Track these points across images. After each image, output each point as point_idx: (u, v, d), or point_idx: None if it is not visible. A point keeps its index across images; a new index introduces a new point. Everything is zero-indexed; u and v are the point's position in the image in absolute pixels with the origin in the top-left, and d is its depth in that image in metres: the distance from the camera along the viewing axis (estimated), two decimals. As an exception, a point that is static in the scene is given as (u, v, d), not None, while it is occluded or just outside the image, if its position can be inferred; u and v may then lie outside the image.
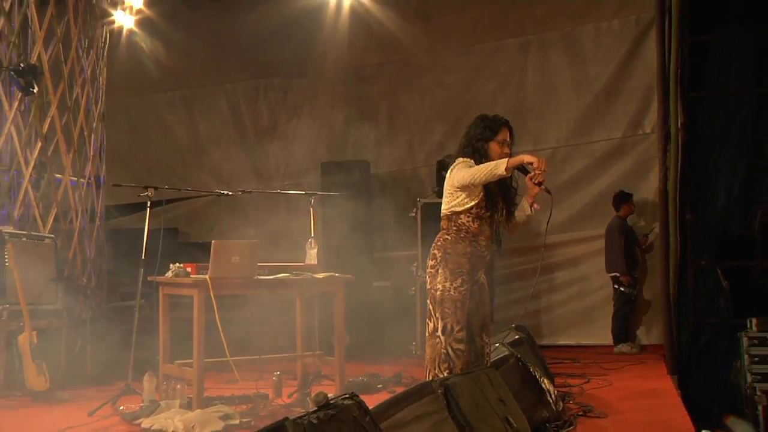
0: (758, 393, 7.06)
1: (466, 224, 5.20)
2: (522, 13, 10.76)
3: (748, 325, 7.31)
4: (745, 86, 8.27)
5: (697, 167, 8.22)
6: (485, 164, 5.08)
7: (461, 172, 5.14)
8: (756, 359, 7.16)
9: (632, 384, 7.31)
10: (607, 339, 9.92)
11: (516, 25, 10.79)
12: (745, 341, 7.25)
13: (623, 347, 9.65)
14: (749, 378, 7.15)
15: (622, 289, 9.82)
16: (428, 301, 5.27)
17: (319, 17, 10.38)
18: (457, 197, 5.20)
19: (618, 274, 9.84)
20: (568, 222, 10.45)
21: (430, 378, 4.96)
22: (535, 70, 10.86)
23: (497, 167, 4.97)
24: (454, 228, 5.22)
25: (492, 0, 10.80)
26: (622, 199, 9.94)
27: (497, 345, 5.72)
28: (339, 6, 10.28)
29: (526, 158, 5.04)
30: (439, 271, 5.18)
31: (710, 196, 8.33)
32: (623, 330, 9.83)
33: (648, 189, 10.11)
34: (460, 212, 5.20)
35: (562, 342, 10.30)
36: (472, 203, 5.18)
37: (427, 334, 5.26)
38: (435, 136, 11.06)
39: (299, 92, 11.40)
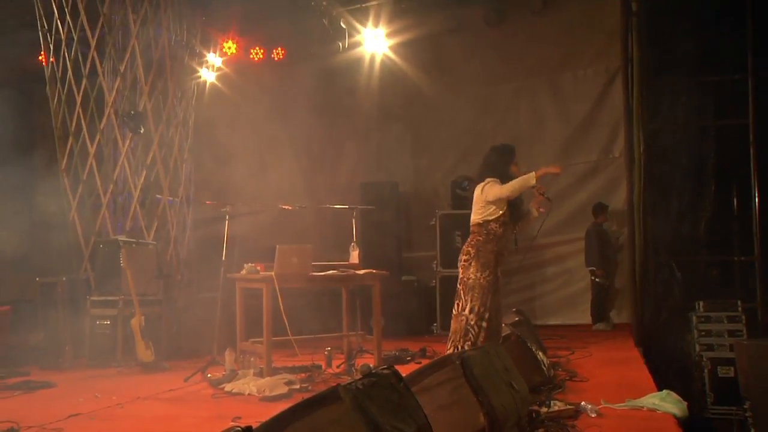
0: (704, 360, 7.09)
1: (494, 229, 5.24)
2: (516, 64, 10.72)
3: (697, 307, 7.29)
4: (690, 119, 8.27)
5: (655, 183, 8.20)
6: (516, 180, 5.12)
7: (495, 188, 5.18)
8: (703, 333, 7.16)
9: (607, 354, 7.27)
10: (587, 319, 9.86)
11: (511, 74, 10.75)
12: (694, 319, 7.23)
13: (600, 325, 9.60)
14: (697, 348, 7.15)
15: (597, 280, 9.76)
16: (459, 287, 5.26)
17: (358, 68, 10.40)
18: (489, 209, 5.24)
19: (594, 269, 9.79)
20: (555, 227, 10.37)
21: (453, 349, 4.98)
22: (526, 108, 10.82)
23: (529, 180, 5.04)
24: (485, 232, 5.25)
25: (492, 54, 10.77)
26: (599, 209, 9.92)
27: (503, 325, 5.73)
28: (372, 60, 10.29)
29: (551, 169, 5.12)
30: (472, 264, 5.21)
31: (666, 206, 8.28)
32: (599, 312, 9.77)
33: (617, 201, 10.01)
34: (491, 220, 5.24)
35: (552, 322, 10.23)
36: (500, 213, 5.22)
37: (454, 313, 5.25)
38: (449, 161, 11.02)
39: (343, 128, 11.40)
